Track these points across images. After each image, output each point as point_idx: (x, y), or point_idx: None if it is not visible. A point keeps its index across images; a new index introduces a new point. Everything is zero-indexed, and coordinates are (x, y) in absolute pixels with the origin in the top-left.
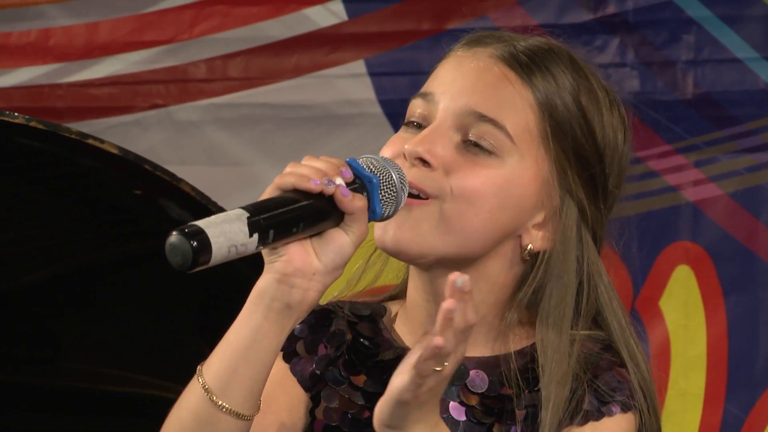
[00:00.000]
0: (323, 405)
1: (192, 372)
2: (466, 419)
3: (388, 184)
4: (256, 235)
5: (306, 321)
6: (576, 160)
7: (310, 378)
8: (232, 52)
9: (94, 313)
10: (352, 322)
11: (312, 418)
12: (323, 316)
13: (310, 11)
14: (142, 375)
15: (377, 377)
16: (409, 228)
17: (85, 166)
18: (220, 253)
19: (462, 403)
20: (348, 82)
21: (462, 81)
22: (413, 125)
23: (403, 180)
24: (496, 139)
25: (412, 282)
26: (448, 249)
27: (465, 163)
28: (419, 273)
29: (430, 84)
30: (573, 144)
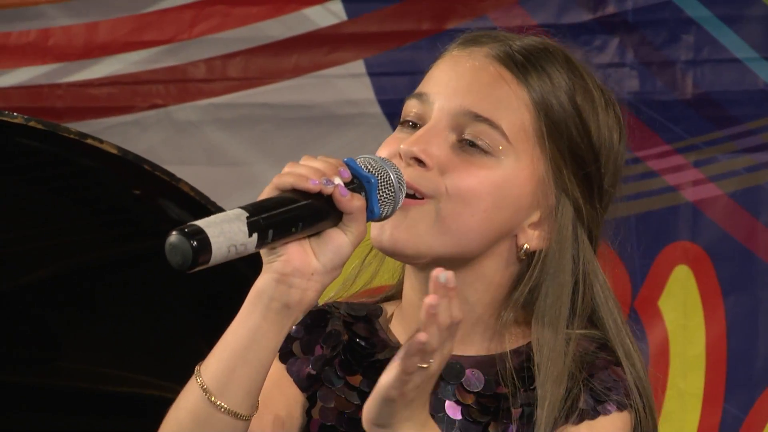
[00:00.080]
0: (319, 405)
1: (191, 372)
2: (462, 418)
3: (386, 184)
4: (255, 235)
5: (302, 322)
6: (571, 159)
7: (306, 378)
8: (232, 52)
9: (94, 313)
10: (348, 323)
11: (308, 418)
12: (319, 317)
13: (309, 11)
14: (141, 375)
15: (373, 377)
16: (405, 228)
17: (85, 166)
18: (220, 253)
19: (458, 402)
20: (347, 82)
21: (457, 81)
22: (409, 125)
23: (401, 180)
24: (492, 139)
25: (408, 282)
26: (445, 249)
27: (460, 163)
28: (415, 273)
29: (426, 84)
30: (568, 143)
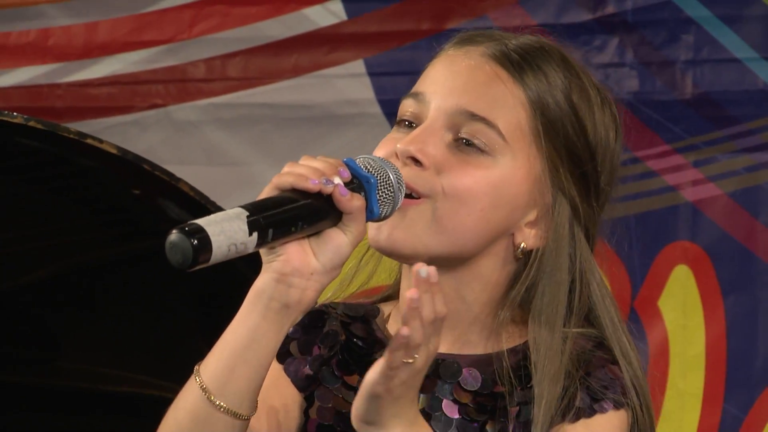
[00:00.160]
0: (317, 404)
1: (191, 372)
2: (459, 417)
3: (385, 184)
4: (255, 234)
5: (299, 322)
6: (568, 158)
7: (304, 378)
8: (231, 51)
9: (94, 312)
10: (346, 323)
11: (306, 417)
12: (316, 317)
13: (309, 11)
14: (141, 375)
15: None
16: (403, 228)
17: (84, 166)
18: (220, 252)
19: (455, 401)
20: (347, 82)
21: (453, 80)
22: (405, 125)
23: (400, 180)
24: (488, 138)
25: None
26: (442, 248)
27: (457, 163)
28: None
29: (422, 83)
30: (565, 142)
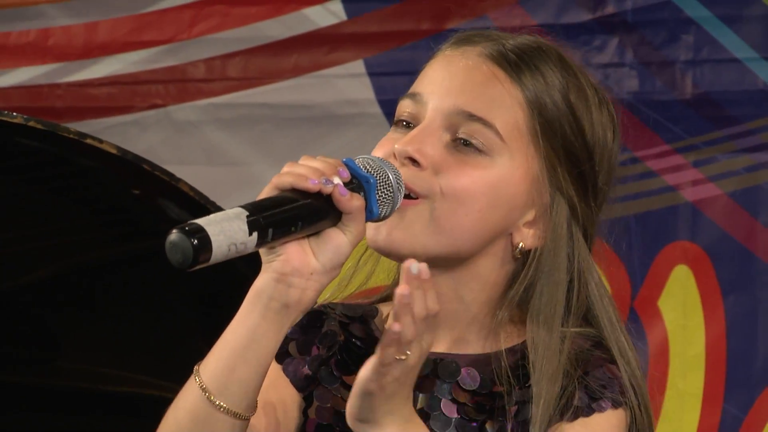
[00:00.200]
0: (316, 404)
1: (191, 372)
2: (458, 416)
3: (384, 184)
4: (255, 234)
5: (298, 323)
6: (566, 157)
7: (302, 378)
8: (231, 52)
9: (94, 312)
10: (344, 323)
11: (305, 417)
12: (315, 318)
13: (309, 11)
14: (141, 375)
15: None
16: (401, 228)
17: (84, 166)
18: (220, 252)
19: (454, 401)
20: (347, 82)
21: (451, 80)
22: (402, 125)
23: (400, 180)
24: (486, 138)
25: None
26: (440, 248)
27: (454, 163)
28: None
29: (419, 84)
30: (563, 142)
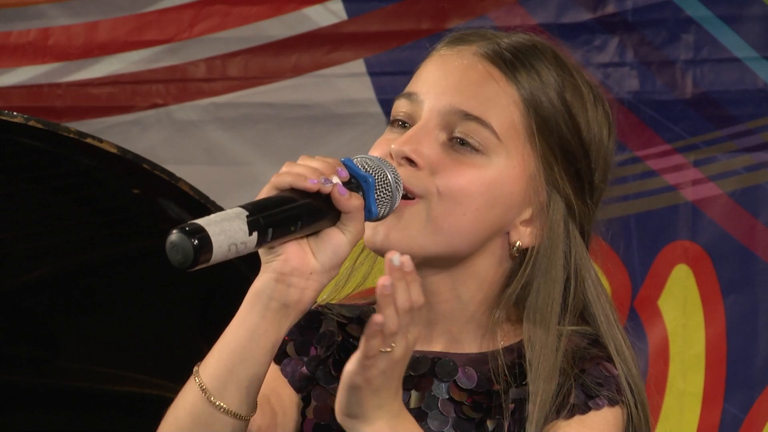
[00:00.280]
0: (314, 404)
1: (191, 371)
2: (455, 415)
3: (383, 183)
4: (255, 234)
5: (296, 323)
6: (562, 155)
7: (301, 379)
8: (232, 51)
9: (94, 312)
10: (342, 324)
11: (303, 417)
12: (313, 318)
13: (309, 10)
14: (141, 374)
15: None
16: (399, 229)
17: (84, 166)
18: (221, 252)
19: (451, 400)
20: (348, 81)
21: (446, 80)
22: (398, 125)
23: (398, 180)
24: (482, 137)
25: None
26: (438, 248)
27: (451, 163)
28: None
29: (414, 84)
30: (559, 140)
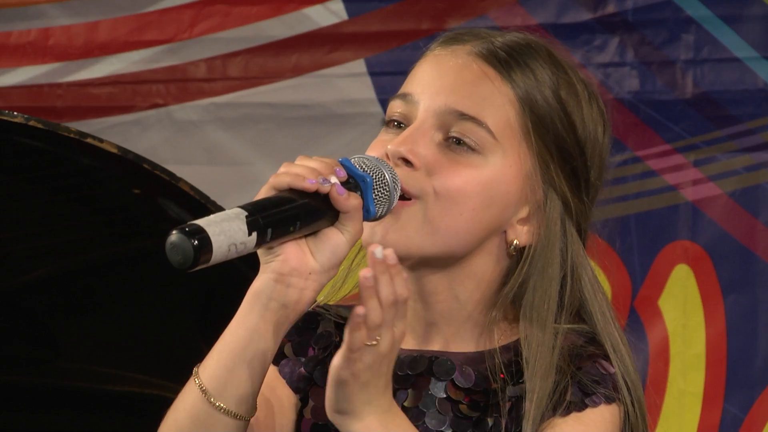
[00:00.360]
0: (311, 404)
1: (191, 371)
2: (453, 414)
3: (381, 183)
4: (254, 234)
5: (294, 324)
6: (558, 153)
7: (299, 379)
8: (232, 51)
9: (94, 312)
10: (340, 324)
11: (301, 417)
12: (310, 319)
13: (310, 10)
14: (141, 374)
15: None
16: (396, 230)
17: (85, 166)
18: (220, 252)
19: (449, 399)
20: (348, 81)
21: (441, 80)
22: (394, 125)
23: (396, 180)
24: (478, 137)
25: None
26: (435, 249)
27: (447, 163)
28: (405, 273)
29: (409, 84)
30: (554, 138)
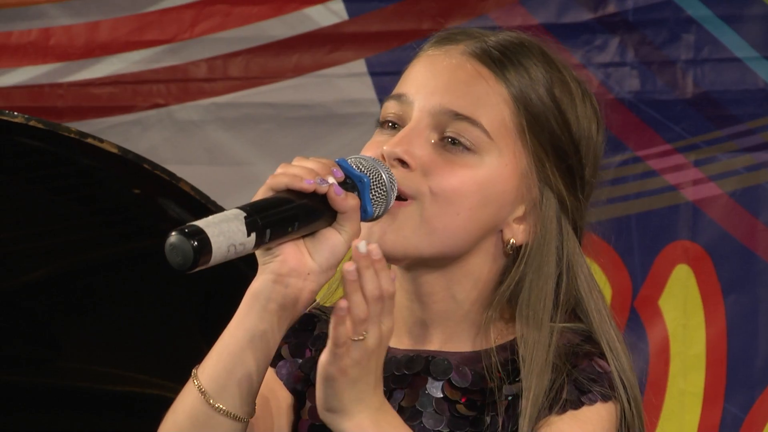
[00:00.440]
0: (308, 405)
1: (191, 371)
2: (450, 414)
3: (378, 183)
4: (253, 235)
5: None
6: (553, 151)
7: (296, 380)
8: (233, 51)
9: (94, 312)
10: None
11: (298, 418)
12: (307, 321)
13: (310, 10)
14: (141, 374)
15: None
16: (393, 231)
17: (85, 166)
18: (220, 253)
19: (446, 398)
20: (349, 81)
21: (435, 80)
22: (388, 126)
23: (393, 180)
24: (473, 136)
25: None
26: (432, 249)
27: (443, 163)
28: (402, 274)
29: (403, 85)
30: (549, 136)
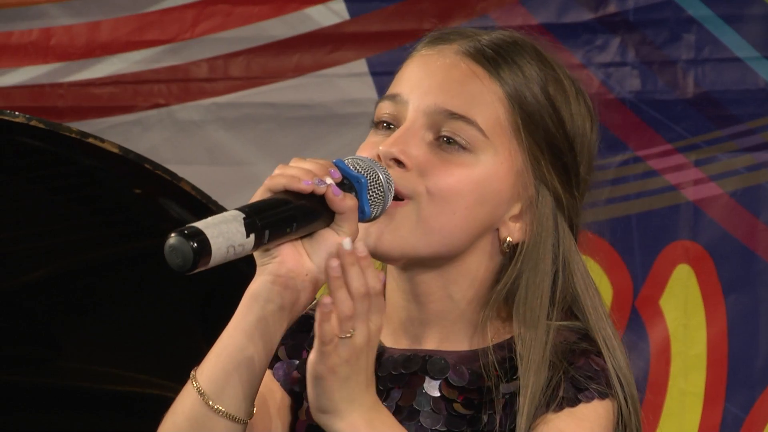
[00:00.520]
0: (306, 406)
1: (191, 371)
2: (447, 413)
3: (375, 184)
4: (252, 236)
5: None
6: (548, 149)
7: (292, 382)
8: (234, 51)
9: (94, 312)
10: None
11: (295, 418)
12: (304, 322)
13: (311, 10)
14: (141, 374)
15: None
16: (390, 231)
17: (86, 165)
18: (219, 254)
19: (443, 397)
20: (349, 81)
21: (429, 80)
22: (383, 126)
23: (390, 180)
24: (469, 135)
25: (391, 283)
26: (430, 249)
27: (439, 163)
28: (399, 273)
29: (397, 85)
30: (544, 134)
